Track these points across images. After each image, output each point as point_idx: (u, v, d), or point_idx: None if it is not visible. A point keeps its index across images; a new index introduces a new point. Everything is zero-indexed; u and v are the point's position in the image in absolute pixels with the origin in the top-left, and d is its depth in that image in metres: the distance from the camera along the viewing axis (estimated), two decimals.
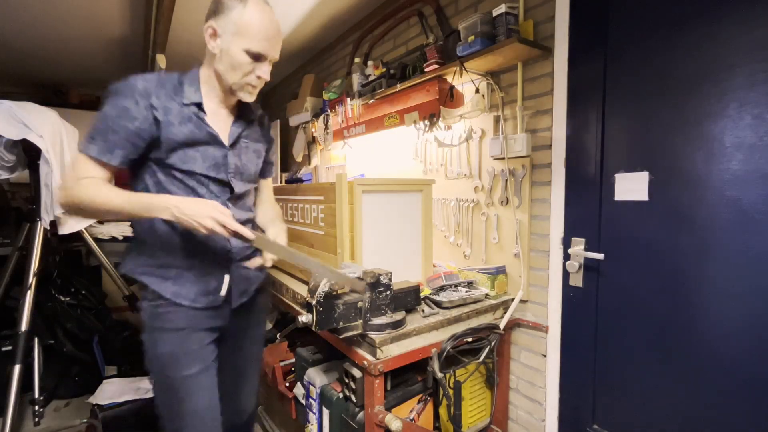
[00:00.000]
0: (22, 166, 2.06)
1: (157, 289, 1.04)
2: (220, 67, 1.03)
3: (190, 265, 1.08)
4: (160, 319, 1.05)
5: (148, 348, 1.06)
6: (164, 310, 1.05)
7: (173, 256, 1.07)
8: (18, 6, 2.10)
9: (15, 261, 2.24)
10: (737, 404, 1.09)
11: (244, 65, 1.01)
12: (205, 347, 1.10)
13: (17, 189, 3.31)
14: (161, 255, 1.06)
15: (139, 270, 1.07)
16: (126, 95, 0.96)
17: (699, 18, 1.13)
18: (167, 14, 1.95)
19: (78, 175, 0.96)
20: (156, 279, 1.05)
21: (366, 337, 1.18)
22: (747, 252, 1.06)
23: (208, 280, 1.10)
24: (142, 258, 1.07)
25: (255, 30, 0.99)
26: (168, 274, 1.06)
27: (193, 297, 1.07)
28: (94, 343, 2.45)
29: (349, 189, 1.41)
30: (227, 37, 0.99)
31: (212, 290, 1.10)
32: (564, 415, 1.50)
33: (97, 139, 0.95)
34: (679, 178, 1.18)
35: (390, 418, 1.14)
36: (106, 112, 0.96)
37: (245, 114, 1.15)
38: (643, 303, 1.27)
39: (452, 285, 1.53)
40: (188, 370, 1.06)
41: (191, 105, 1.03)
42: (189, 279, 1.07)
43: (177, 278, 1.06)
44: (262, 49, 1.01)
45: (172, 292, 1.05)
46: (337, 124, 2.44)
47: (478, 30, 1.46)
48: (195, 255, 1.08)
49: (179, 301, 1.05)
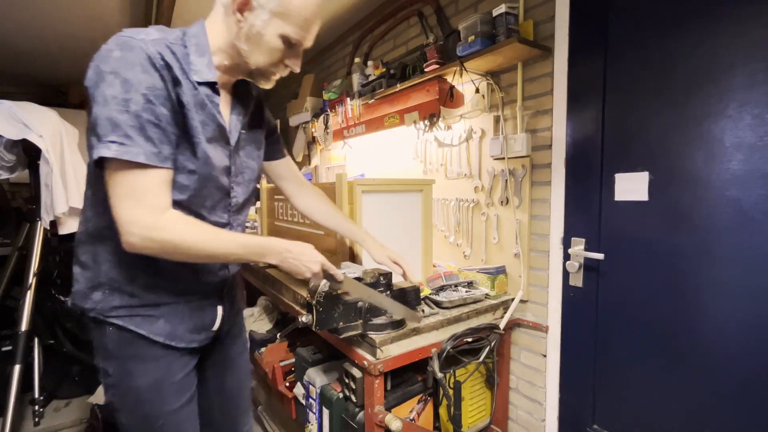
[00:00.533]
0: (22, 166, 2.05)
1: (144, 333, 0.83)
2: (243, 45, 0.80)
3: (182, 297, 0.89)
4: (133, 344, 0.83)
5: (116, 382, 0.84)
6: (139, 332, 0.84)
7: (161, 291, 0.85)
8: (18, 6, 2.10)
9: (15, 261, 2.24)
10: (737, 403, 1.09)
11: (275, 51, 0.82)
12: (189, 374, 0.91)
13: (17, 189, 3.31)
14: (143, 291, 0.84)
15: (116, 312, 0.82)
16: (144, 66, 0.70)
17: (699, 18, 1.12)
18: (167, 14, 1.95)
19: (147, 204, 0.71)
20: (142, 320, 0.83)
21: (366, 337, 1.18)
22: (747, 252, 1.06)
23: (203, 314, 0.93)
24: (116, 296, 0.82)
25: (302, 16, 0.80)
26: (158, 311, 0.85)
27: (189, 337, 0.90)
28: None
29: (349, 189, 1.41)
30: (264, 14, 0.78)
31: (207, 325, 0.94)
32: (564, 415, 1.50)
33: (136, 137, 0.69)
34: (679, 178, 1.18)
35: (390, 418, 1.14)
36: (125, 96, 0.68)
37: (244, 96, 0.92)
38: (643, 303, 1.27)
39: (452, 285, 1.53)
40: (173, 404, 0.87)
41: (203, 85, 0.79)
42: (183, 313, 0.88)
43: (169, 315, 0.86)
44: (301, 38, 0.83)
45: (166, 334, 0.85)
46: (337, 124, 2.44)
47: (478, 30, 1.46)
48: (187, 285, 0.89)
49: (173, 343, 0.86)
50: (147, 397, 0.85)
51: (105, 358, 0.85)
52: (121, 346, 0.83)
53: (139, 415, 0.86)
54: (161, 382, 0.86)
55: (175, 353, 0.88)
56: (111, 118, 0.68)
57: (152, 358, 0.85)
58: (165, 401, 0.86)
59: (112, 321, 0.82)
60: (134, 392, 0.84)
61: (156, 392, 0.85)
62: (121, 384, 0.85)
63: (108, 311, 0.82)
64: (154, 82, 0.71)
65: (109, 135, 0.68)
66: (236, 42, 0.81)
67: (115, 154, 0.68)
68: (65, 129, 2.09)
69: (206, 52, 0.80)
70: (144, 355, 0.84)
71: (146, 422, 0.86)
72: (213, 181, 0.86)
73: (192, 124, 0.78)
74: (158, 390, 0.85)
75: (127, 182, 0.71)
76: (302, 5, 0.79)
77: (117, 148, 0.68)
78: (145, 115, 0.70)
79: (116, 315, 0.82)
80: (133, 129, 0.69)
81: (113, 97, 0.68)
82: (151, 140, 0.71)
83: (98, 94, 0.69)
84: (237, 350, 1.11)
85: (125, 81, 0.69)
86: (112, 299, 0.82)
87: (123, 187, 0.71)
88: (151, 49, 0.72)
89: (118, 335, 0.83)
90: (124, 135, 0.69)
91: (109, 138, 0.68)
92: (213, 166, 0.84)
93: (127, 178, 0.71)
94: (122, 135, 0.69)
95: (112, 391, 0.86)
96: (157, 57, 0.72)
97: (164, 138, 0.74)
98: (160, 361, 0.86)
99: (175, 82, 0.75)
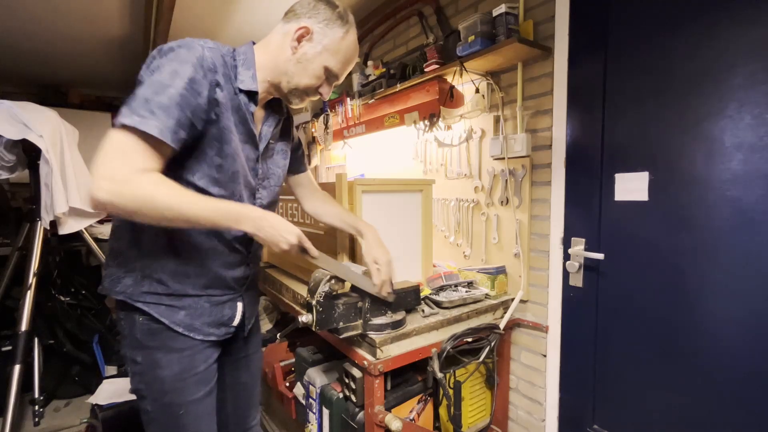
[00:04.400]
0: (22, 166, 2.06)
1: (166, 321, 0.90)
2: (291, 66, 0.94)
3: (205, 291, 0.94)
4: (160, 336, 0.90)
5: (144, 370, 0.91)
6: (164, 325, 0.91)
7: (188, 281, 0.92)
8: (17, 6, 2.10)
9: (15, 261, 2.24)
10: (737, 403, 1.09)
11: (316, 78, 0.96)
12: (210, 366, 0.98)
13: (17, 189, 3.30)
14: (172, 280, 0.90)
15: (144, 298, 0.89)
16: (192, 63, 0.79)
17: (699, 18, 1.12)
18: (167, 14, 1.95)
19: (132, 165, 0.73)
20: (165, 309, 0.90)
21: (366, 337, 1.18)
22: (747, 252, 1.06)
23: (222, 309, 0.98)
24: (146, 282, 0.89)
25: (346, 55, 0.97)
26: (181, 303, 0.91)
27: (207, 330, 0.95)
28: (94, 343, 2.45)
29: (349, 189, 1.41)
30: (318, 46, 0.93)
31: (226, 321, 1.00)
32: (564, 415, 1.50)
33: (158, 114, 0.74)
34: (679, 178, 1.18)
35: (390, 418, 1.14)
36: (168, 81, 0.76)
37: (276, 111, 1.05)
38: (643, 303, 1.27)
39: (452, 285, 1.53)
40: (194, 394, 0.93)
41: (243, 93, 0.91)
42: (203, 309, 0.94)
43: (191, 308, 0.92)
44: (339, 72, 0.99)
45: (185, 325, 0.91)
46: (337, 124, 2.44)
47: (478, 30, 1.46)
48: (212, 279, 0.95)
49: (191, 335, 0.92)
50: (171, 386, 0.91)
51: (134, 347, 0.90)
52: (150, 336, 0.89)
53: (163, 403, 0.91)
54: (185, 373, 0.92)
55: (198, 346, 0.94)
56: (146, 97, 0.75)
57: (177, 350, 0.91)
58: (187, 391, 0.92)
59: (138, 306, 0.88)
60: (159, 382, 0.90)
61: (179, 382, 0.91)
62: (147, 373, 0.90)
63: (137, 296, 0.88)
64: (197, 77, 0.79)
65: (139, 109, 0.74)
66: (286, 63, 0.94)
67: (134, 123, 0.73)
68: (65, 129, 2.09)
69: (252, 66, 0.92)
70: (170, 346, 0.90)
71: (169, 410, 0.92)
72: (242, 179, 0.94)
73: (226, 124, 0.87)
74: (182, 380, 0.92)
75: (125, 143, 0.74)
76: (349, 48, 0.97)
77: (138, 119, 0.73)
78: (178, 99, 0.76)
79: (143, 301, 0.88)
80: (160, 108, 0.75)
81: (158, 82, 0.76)
82: (174, 119, 0.76)
83: (146, 79, 0.77)
84: (254, 347, 1.17)
85: (173, 72, 0.77)
86: (141, 285, 0.89)
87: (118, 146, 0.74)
88: (207, 53, 0.82)
89: (148, 326, 0.89)
90: (150, 111, 0.74)
91: (137, 112, 0.73)
92: (241, 165, 0.93)
93: (127, 141, 0.74)
94: (148, 111, 0.74)
95: (138, 378, 0.92)
96: (208, 59, 0.82)
97: (186, 123, 0.79)
98: (184, 353, 0.92)
99: (216, 84, 0.84)
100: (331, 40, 0.94)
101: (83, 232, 2.41)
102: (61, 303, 2.44)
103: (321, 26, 0.93)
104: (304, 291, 1.53)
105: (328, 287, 1.07)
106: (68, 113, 2.91)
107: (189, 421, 0.93)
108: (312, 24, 0.92)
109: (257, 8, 2.23)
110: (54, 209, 1.96)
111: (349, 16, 0.97)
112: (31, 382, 2.09)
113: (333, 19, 0.93)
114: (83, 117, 3.33)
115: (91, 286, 2.68)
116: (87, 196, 0.76)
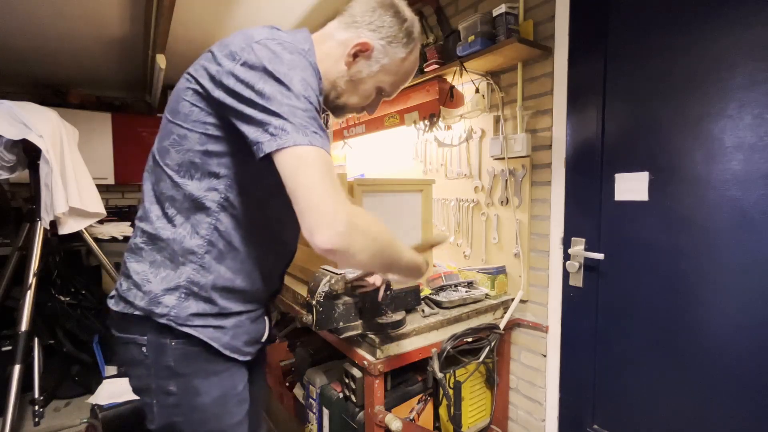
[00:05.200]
0: (22, 166, 2.05)
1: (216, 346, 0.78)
2: (342, 84, 0.84)
3: (246, 306, 0.85)
4: (197, 361, 0.78)
5: (180, 401, 0.78)
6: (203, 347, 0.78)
7: (233, 297, 0.81)
8: (17, 6, 2.10)
9: (15, 261, 2.24)
10: (737, 403, 1.09)
11: (367, 98, 0.88)
12: (245, 385, 0.88)
13: (17, 189, 3.30)
14: (220, 296, 0.79)
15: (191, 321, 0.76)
16: (310, 70, 0.70)
17: (699, 18, 1.12)
18: (167, 14, 1.95)
19: (344, 197, 0.66)
20: (213, 331, 0.78)
21: (366, 337, 1.18)
22: (747, 252, 1.06)
23: (258, 325, 0.90)
24: (192, 302, 0.76)
25: (402, 78, 0.88)
26: (226, 322, 0.80)
27: (245, 350, 0.86)
28: (94, 343, 2.45)
29: (349, 189, 1.41)
30: (375, 65, 0.83)
31: (258, 338, 0.90)
32: (564, 415, 1.50)
33: (319, 132, 0.66)
34: (679, 178, 1.18)
35: (390, 418, 1.14)
36: (301, 90, 0.66)
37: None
38: (643, 303, 1.27)
39: (452, 285, 1.53)
40: (236, 416, 0.84)
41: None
42: (245, 327, 0.85)
43: (235, 327, 0.82)
44: (391, 92, 0.90)
45: (231, 347, 0.81)
46: (337, 124, 2.44)
47: (478, 30, 1.46)
48: (254, 292, 0.86)
49: (236, 356, 0.82)
50: (213, 412, 0.81)
51: (165, 377, 0.77)
52: (185, 362, 0.77)
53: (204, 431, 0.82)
54: (226, 396, 0.82)
55: (234, 365, 0.84)
56: (294, 109, 0.65)
57: (215, 373, 0.81)
58: (231, 414, 0.83)
59: (185, 331, 0.75)
60: (200, 411, 0.80)
61: (222, 406, 0.82)
62: (185, 404, 0.79)
63: (184, 319, 0.75)
64: (316, 85, 0.71)
65: (310, 125, 0.65)
66: (337, 78, 0.83)
67: (321, 144, 0.65)
68: (65, 129, 2.09)
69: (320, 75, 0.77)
70: (208, 370, 0.80)
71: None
72: None
73: None
74: (224, 404, 0.82)
75: (328, 173, 0.65)
76: (408, 69, 0.87)
77: (320, 140, 0.65)
78: (313, 109, 0.68)
79: (191, 325, 0.76)
80: (316, 122, 0.67)
81: (293, 88, 0.66)
82: (324, 136, 0.68)
83: (275, 86, 0.65)
84: (263, 358, 1.12)
85: (304, 77, 0.68)
86: (188, 305, 0.76)
87: (327, 179, 0.64)
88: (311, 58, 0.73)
89: (182, 351, 0.77)
90: (320, 126, 0.66)
91: (311, 128, 0.65)
92: None
93: (327, 170, 0.65)
94: (319, 126, 0.66)
95: (173, 411, 0.79)
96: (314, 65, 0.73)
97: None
98: (223, 375, 0.82)
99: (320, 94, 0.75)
100: (391, 61, 0.83)
101: (83, 232, 2.41)
102: (61, 303, 2.44)
103: (383, 44, 0.81)
104: (304, 291, 1.53)
105: (328, 287, 1.07)
106: (68, 113, 2.91)
107: None
108: (373, 40, 0.80)
109: (257, 8, 2.23)
110: (54, 209, 1.96)
111: (415, 31, 0.85)
112: (31, 382, 2.09)
113: (399, 38, 0.82)
114: (83, 117, 3.33)
115: (91, 286, 2.68)
116: (321, 238, 0.63)
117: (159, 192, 0.76)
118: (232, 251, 0.78)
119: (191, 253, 0.75)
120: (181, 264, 0.75)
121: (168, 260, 0.76)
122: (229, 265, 0.79)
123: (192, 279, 0.76)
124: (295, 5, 2.26)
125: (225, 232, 0.76)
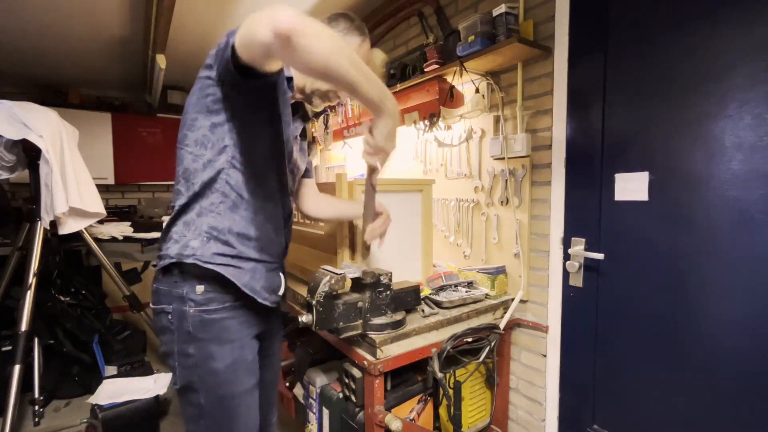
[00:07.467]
0: (22, 166, 2.05)
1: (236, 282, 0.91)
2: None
3: (261, 256, 0.98)
4: (213, 328, 0.91)
5: (197, 362, 0.90)
6: (218, 316, 0.91)
7: (249, 243, 0.95)
8: (18, 6, 2.10)
9: (15, 261, 2.24)
10: (737, 403, 1.09)
11: None
12: (255, 357, 1.00)
13: (17, 189, 3.30)
14: (237, 241, 0.93)
15: (214, 260, 0.89)
16: None
17: (699, 18, 1.12)
18: (167, 14, 1.95)
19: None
20: (234, 270, 0.92)
21: (366, 337, 1.18)
22: (747, 252, 1.06)
23: (273, 276, 1.03)
24: (213, 243, 0.90)
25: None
26: (245, 265, 0.94)
27: (264, 294, 0.97)
28: (94, 343, 2.45)
29: (349, 189, 1.41)
30: None
31: (276, 287, 1.03)
32: (564, 415, 1.50)
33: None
34: (679, 178, 1.18)
35: (390, 418, 1.14)
36: None
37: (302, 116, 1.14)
38: (643, 303, 1.27)
39: (452, 285, 1.53)
40: (245, 384, 0.96)
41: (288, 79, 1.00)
42: (261, 273, 0.97)
43: (253, 271, 0.95)
44: None
45: (249, 287, 0.93)
46: (337, 124, 2.44)
47: (478, 30, 1.46)
48: (266, 243, 0.99)
49: (254, 296, 0.94)
50: (224, 378, 0.92)
51: (184, 341, 0.90)
52: (202, 328, 0.90)
53: (217, 395, 0.93)
54: (236, 364, 0.94)
55: (246, 338, 0.97)
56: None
57: (229, 341, 0.93)
58: (240, 381, 0.95)
59: (210, 267, 0.89)
60: (214, 374, 0.91)
61: (233, 372, 0.93)
62: (201, 365, 0.91)
63: (208, 257, 0.89)
64: None
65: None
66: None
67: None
68: (65, 129, 2.09)
69: None
70: (223, 337, 0.92)
71: (223, 402, 0.93)
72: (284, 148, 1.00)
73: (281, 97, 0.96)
74: (235, 370, 0.93)
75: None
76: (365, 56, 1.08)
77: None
78: None
79: (214, 262, 0.89)
80: None
81: None
82: None
83: None
84: (277, 346, 1.21)
85: None
86: (210, 246, 0.90)
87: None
88: None
89: (200, 318, 0.90)
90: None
91: None
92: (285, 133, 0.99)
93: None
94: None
95: (190, 372, 0.91)
96: None
97: None
98: (234, 344, 0.94)
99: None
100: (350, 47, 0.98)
101: (83, 232, 2.41)
102: (61, 303, 2.44)
103: (341, 35, 1.03)
104: (304, 291, 1.53)
105: (328, 287, 1.08)
106: (68, 113, 2.91)
107: (242, 411, 0.96)
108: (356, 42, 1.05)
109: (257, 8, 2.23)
110: (54, 209, 1.96)
111: (365, 29, 1.08)
112: (31, 382, 2.09)
113: (351, 29, 1.06)
114: (83, 117, 3.33)
115: (91, 286, 2.68)
116: (280, 18, 0.71)
117: (184, 170, 0.92)
118: (243, 202, 0.94)
119: (210, 205, 0.92)
120: (204, 215, 0.91)
121: (195, 216, 0.92)
122: (242, 215, 0.94)
123: (212, 225, 0.91)
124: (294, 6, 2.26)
125: (235, 185, 0.92)
